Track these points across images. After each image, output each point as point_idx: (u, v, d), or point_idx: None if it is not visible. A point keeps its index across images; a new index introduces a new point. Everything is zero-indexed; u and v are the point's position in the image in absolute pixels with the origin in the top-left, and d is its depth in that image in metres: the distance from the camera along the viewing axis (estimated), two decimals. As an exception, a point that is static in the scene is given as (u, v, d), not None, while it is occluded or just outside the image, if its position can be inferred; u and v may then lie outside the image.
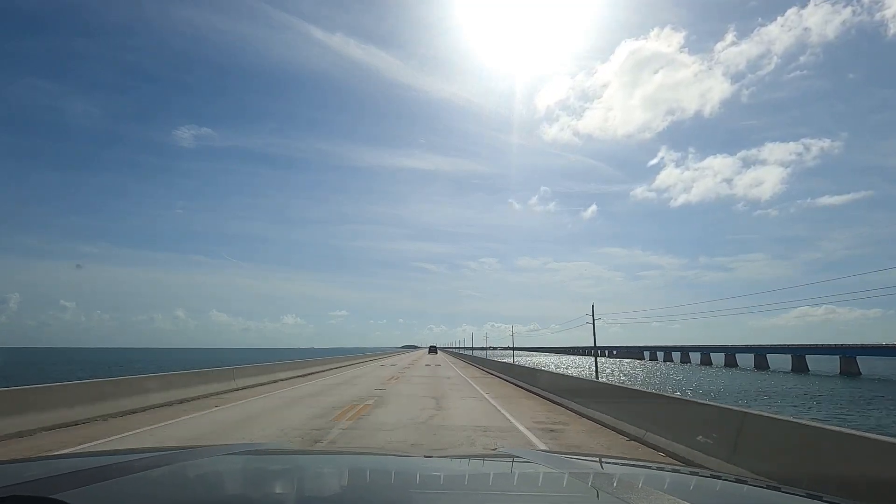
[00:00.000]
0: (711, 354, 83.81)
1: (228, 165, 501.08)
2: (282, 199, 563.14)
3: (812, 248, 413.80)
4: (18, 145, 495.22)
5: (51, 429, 8.48)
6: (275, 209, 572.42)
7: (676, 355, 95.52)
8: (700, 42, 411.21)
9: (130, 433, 8.47)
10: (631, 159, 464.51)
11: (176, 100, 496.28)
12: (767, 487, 1.39)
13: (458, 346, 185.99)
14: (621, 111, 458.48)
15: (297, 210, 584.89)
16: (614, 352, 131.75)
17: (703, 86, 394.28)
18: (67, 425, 8.82)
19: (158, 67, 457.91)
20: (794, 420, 4.92)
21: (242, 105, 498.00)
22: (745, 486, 1.42)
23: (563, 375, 18.09)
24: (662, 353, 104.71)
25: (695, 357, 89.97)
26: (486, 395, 15.04)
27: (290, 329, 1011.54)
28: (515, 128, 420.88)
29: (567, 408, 11.62)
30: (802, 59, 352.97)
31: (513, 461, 1.84)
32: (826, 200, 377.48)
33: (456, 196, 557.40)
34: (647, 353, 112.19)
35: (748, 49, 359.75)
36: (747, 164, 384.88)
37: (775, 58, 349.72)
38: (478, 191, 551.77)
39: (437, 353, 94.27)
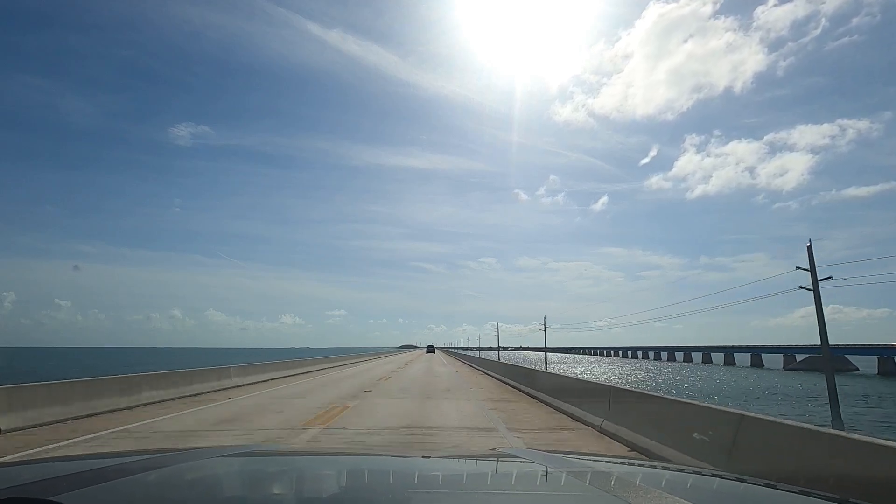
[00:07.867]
0: (711, 354, 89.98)
1: (225, 164, 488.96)
2: (280, 198, 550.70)
3: (814, 246, 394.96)
4: (13, 144, 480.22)
5: None
6: (273, 208, 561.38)
7: (697, 355, 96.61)
8: (739, 3, 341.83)
9: None
10: (648, 143, 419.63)
11: (172, 97, 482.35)
12: (765, 486, 1.41)
13: (458, 345, 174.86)
14: (643, 88, 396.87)
15: (295, 209, 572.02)
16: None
17: (736, 57, 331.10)
18: None
19: (154, 64, 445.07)
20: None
21: (239, 103, 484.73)
22: (743, 485, 1.44)
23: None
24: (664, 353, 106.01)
25: (696, 356, 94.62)
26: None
27: (288, 329, 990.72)
28: (518, 123, 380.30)
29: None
30: (855, 20, 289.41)
31: (511, 461, 1.85)
32: (852, 192, 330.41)
33: (455, 195, 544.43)
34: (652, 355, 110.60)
35: (794, 10, 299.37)
36: (774, 149, 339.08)
37: (823, 20, 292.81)
38: (477, 190, 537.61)
39: (434, 352, 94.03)
